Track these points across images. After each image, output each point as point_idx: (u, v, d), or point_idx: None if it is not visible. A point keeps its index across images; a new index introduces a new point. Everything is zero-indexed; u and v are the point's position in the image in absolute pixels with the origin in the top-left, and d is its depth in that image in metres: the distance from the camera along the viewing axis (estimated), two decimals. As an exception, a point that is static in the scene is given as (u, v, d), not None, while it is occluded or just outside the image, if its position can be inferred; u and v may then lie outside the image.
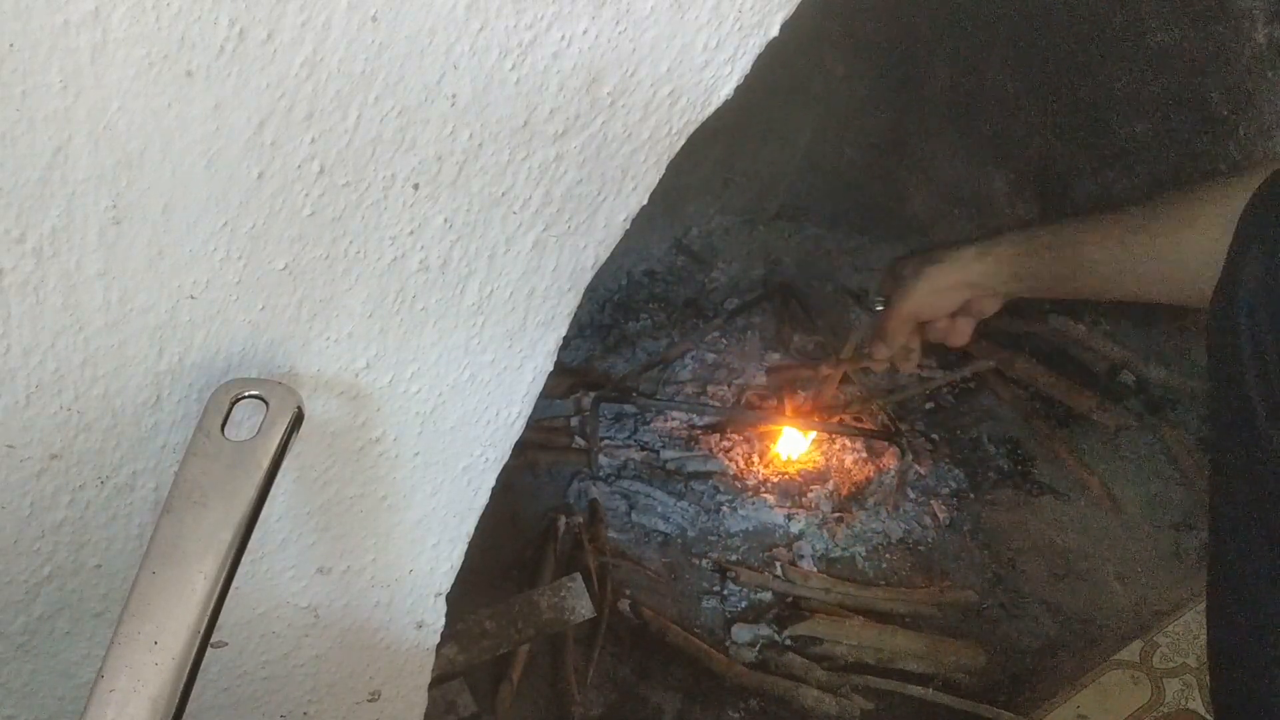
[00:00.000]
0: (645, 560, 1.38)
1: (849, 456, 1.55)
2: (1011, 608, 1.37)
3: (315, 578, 0.67)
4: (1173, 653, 1.29)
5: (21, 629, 0.59)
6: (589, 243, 0.60)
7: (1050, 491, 1.54)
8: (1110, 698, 1.24)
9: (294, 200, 0.49)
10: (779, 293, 1.86)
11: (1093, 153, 1.65)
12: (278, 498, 0.61)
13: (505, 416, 0.66)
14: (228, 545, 0.48)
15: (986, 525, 1.48)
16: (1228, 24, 1.40)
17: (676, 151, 0.59)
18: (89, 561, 0.58)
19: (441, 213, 0.54)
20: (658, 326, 1.78)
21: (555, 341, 0.64)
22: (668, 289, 1.89)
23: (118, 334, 0.50)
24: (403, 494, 0.66)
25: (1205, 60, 1.44)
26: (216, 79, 0.44)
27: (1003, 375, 1.70)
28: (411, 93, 0.48)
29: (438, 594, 0.73)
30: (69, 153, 0.43)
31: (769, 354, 1.71)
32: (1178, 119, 1.51)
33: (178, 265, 0.49)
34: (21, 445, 0.51)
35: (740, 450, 1.54)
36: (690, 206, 1.98)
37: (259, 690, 0.72)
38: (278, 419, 0.52)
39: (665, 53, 0.53)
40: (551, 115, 0.53)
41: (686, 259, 1.96)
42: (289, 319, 0.54)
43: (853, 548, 1.42)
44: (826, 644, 1.27)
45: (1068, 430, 1.62)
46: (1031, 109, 1.71)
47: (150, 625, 0.46)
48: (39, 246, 0.45)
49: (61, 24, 0.40)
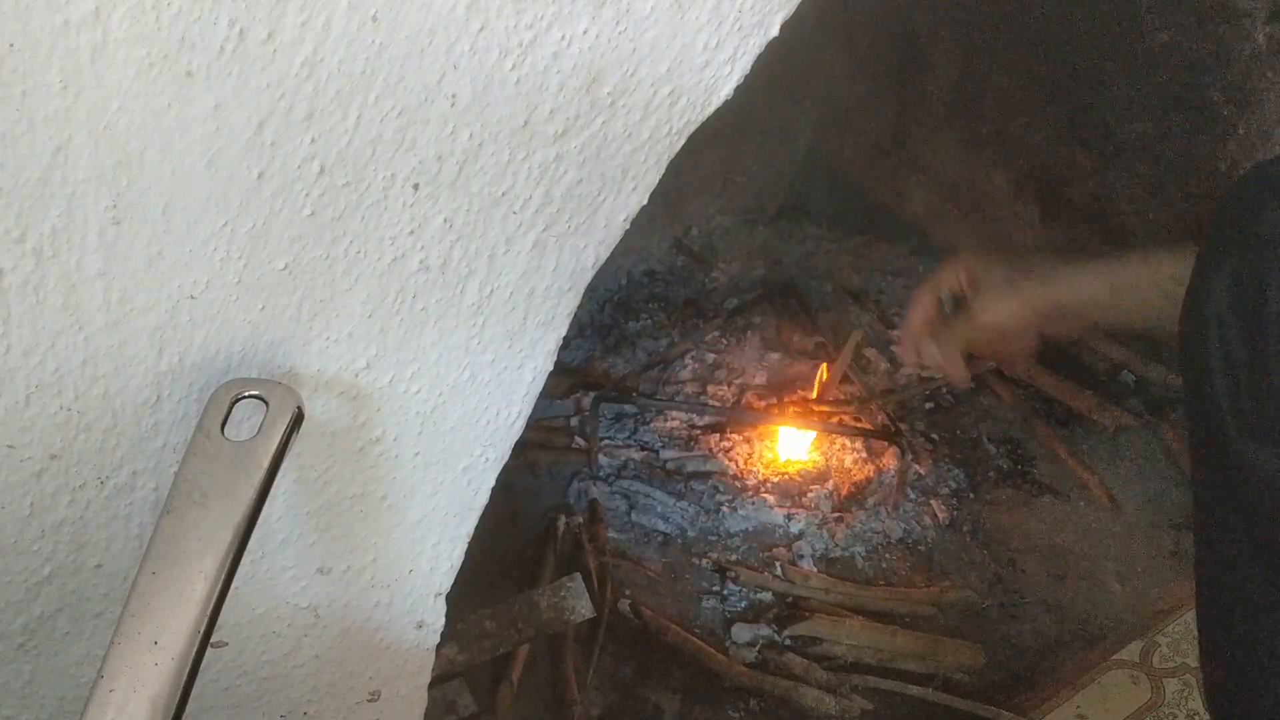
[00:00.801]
0: (645, 560, 1.38)
1: (849, 456, 1.55)
2: (1011, 608, 1.37)
3: (315, 578, 0.67)
4: (1173, 653, 1.29)
5: (21, 629, 0.59)
6: (589, 243, 0.60)
7: (1050, 492, 1.54)
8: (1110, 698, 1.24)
9: (294, 200, 0.49)
10: (779, 293, 1.86)
11: (1093, 153, 1.65)
12: (278, 498, 0.61)
13: (505, 416, 0.66)
14: (228, 545, 0.48)
15: (986, 525, 1.48)
16: (1228, 24, 1.40)
17: (676, 151, 0.59)
18: (89, 561, 0.58)
19: (441, 213, 0.54)
20: (658, 326, 1.78)
21: (555, 341, 0.64)
22: (668, 289, 1.89)
23: (118, 334, 0.49)
24: (403, 494, 0.66)
25: (1205, 60, 1.44)
26: (216, 79, 0.44)
27: (1003, 375, 1.70)
28: (411, 93, 0.48)
29: (438, 594, 0.73)
30: (69, 153, 0.43)
31: (769, 354, 1.71)
32: (1178, 119, 1.51)
33: (178, 265, 0.49)
34: (21, 445, 0.51)
35: (740, 450, 1.54)
36: (690, 206, 1.98)
37: (259, 690, 0.72)
38: (278, 419, 0.51)
39: (665, 53, 0.53)
40: (551, 115, 0.53)
41: (686, 259, 1.96)
42: (289, 319, 0.54)
43: (852, 548, 1.42)
44: (826, 644, 1.27)
45: (1068, 430, 1.62)
46: (1031, 109, 1.71)
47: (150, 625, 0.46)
48: (39, 246, 0.45)
49: (61, 24, 0.40)
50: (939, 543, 1.45)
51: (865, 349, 1.74)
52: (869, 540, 1.43)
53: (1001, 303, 0.87)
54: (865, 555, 1.41)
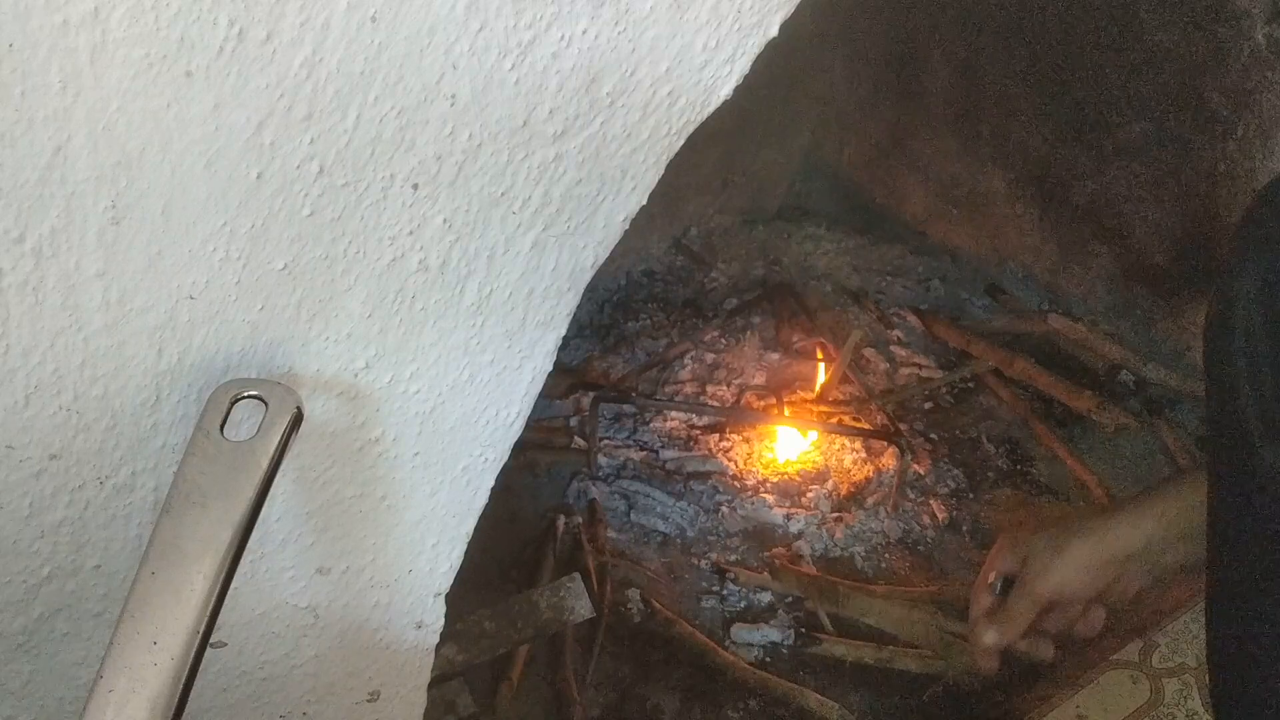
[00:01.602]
0: (644, 560, 1.38)
1: (848, 456, 1.55)
2: (1011, 608, 1.37)
3: (315, 578, 0.67)
4: (1172, 653, 1.29)
5: (21, 629, 0.59)
6: (588, 243, 0.60)
7: (1049, 491, 1.54)
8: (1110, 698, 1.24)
9: (293, 200, 0.49)
10: (778, 293, 1.86)
11: (1093, 153, 1.65)
12: (277, 498, 0.61)
13: (504, 417, 0.66)
14: (227, 545, 0.48)
15: (986, 525, 1.48)
16: (1227, 24, 1.40)
17: (676, 151, 0.59)
18: (88, 562, 0.58)
19: (441, 213, 0.54)
20: (657, 326, 1.78)
21: (554, 341, 0.64)
22: (667, 289, 1.89)
23: (117, 334, 0.49)
24: (402, 494, 0.66)
25: (1205, 60, 1.44)
26: (216, 79, 0.44)
27: (1002, 375, 1.70)
28: (411, 93, 0.48)
29: (437, 594, 0.73)
30: (68, 153, 0.43)
31: (768, 354, 1.71)
32: (1177, 119, 1.51)
33: (177, 265, 0.49)
34: (20, 445, 0.51)
35: (740, 450, 1.54)
36: (690, 206, 1.98)
37: (259, 690, 0.72)
38: (277, 419, 0.51)
39: (665, 53, 0.53)
40: (551, 115, 0.53)
41: (686, 259, 1.96)
42: (288, 319, 0.54)
43: (852, 548, 1.42)
44: (826, 644, 1.27)
45: (1067, 430, 1.62)
46: (1031, 109, 1.71)
47: (150, 625, 0.46)
48: (38, 247, 0.45)
49: (61, 24, 0.40)
50: (938, 542, 1.44)
51: (865, 349, 1.74)
52: (868, 540, 1.43)
53: (1054, 570, 0.80)
54: (865, 555, 1.41)
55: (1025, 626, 0.83)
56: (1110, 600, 0.83)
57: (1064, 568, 0.80)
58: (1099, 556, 0.79)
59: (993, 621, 0.83)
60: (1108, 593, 0.82)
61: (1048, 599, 0.81)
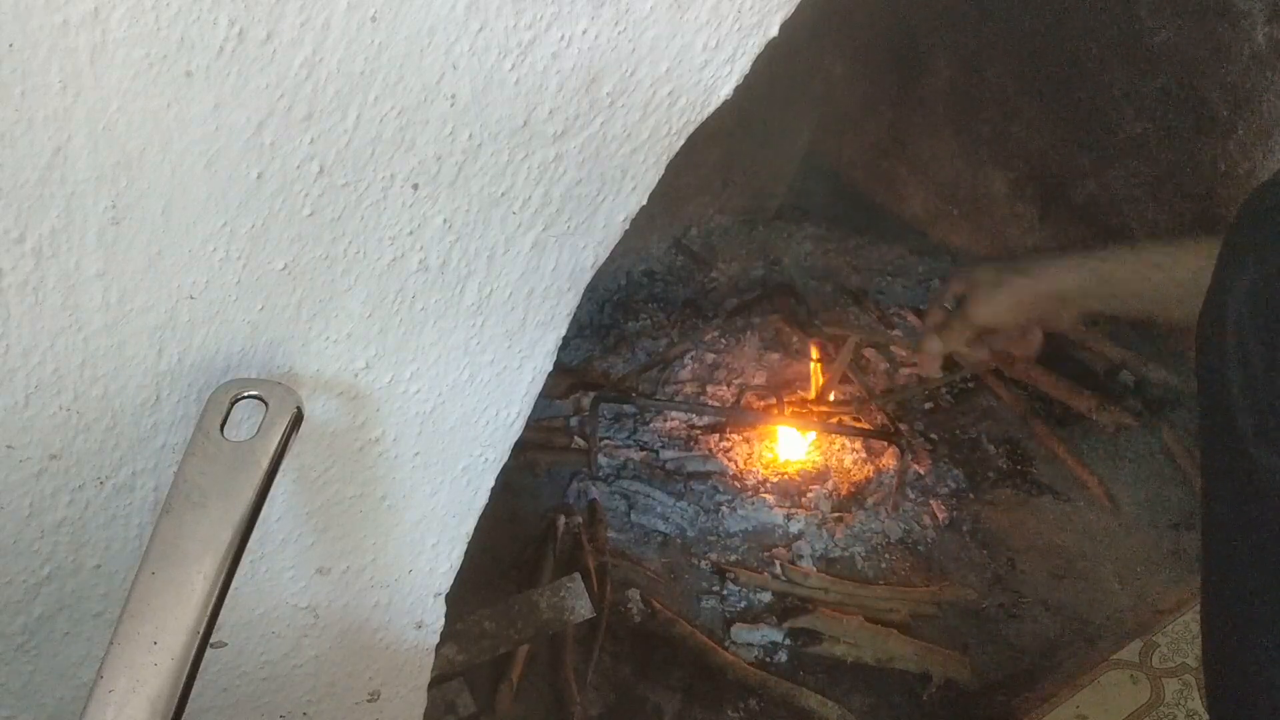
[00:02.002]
0: (645, 560, 1.38)
1: (848, 456, 1.55)
2: (1011, 607, 1.37)
3: (315, 578, 0.67)
4: (1172, 653, 1.29)
5: (21, 629, 0.59)
6: (588, 243, 0.60)
7: (1049, 491, 1.54)
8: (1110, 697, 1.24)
9: (293, 201, 0.49)
10: (778, 293, 1.86)
11: (1093, 153, 1.65)
12: (277, 498, 0.61)
13: (504, 417, 0.66)
14: (227, 546, 0.48)
15: (986, 525, 1.48)
16: (1227, 23, 1.40)
17: (676, 151, 0.59)
18: (88, 562, 0.58)
19: (441, 213, 0.54)
20: (657, 326, 1.78)
21: (555, 342, 0.64)
22: (667, 289, 1.89)
23: (117, 334, 0.49)
24: (402, 494, 0.66)
25: (1205, 60, 1.44)
26: (216, 79, 0.44)
27: (1002, 375, 1.70)
28: (411, 93, 0.48)
29: (437, 594, 0.73)
30: (68, 153, 0.43)
31: (768, 354, 1.71)
32: (1178, 119, 1.51)
33: (177, 265, 0.49)
34: (21, 445, 0.51)
35: (740, 450, 1.54)
36: (690, 206, 1.98)
37: (259, 690, 0.72)
38: (277, 419, 0.51)
39: (665, 53, 0.53)
40: (551, 115, 0.53)
41: (686, 259, 1.96)
42: (288, 319, 0.54)
43: (852, 548, 1.42)
44: (826, 644, 1.27)
45: (1067, 430, 1.62)
46: (1031, 109, 1.71)
47: (150, 625, 0.46)
48: (38, 247, 0.45)
49: (61, 24, 0.40)
50: (938, 543, 1.45)
51: (865, 349, 1.74)
52: (868, 540, 1.43)
53: (991, 299, 0.94)
54: (865, 555, 1.41)
55: (963, 341, 0.98)
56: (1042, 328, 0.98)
57: (1001, 299, 0.94)
58: (1033, 293, 0.92)
59: (938, 333, 1.00)
60: (1038, 323, 0.97)
61: (984, 323, 0.96)
